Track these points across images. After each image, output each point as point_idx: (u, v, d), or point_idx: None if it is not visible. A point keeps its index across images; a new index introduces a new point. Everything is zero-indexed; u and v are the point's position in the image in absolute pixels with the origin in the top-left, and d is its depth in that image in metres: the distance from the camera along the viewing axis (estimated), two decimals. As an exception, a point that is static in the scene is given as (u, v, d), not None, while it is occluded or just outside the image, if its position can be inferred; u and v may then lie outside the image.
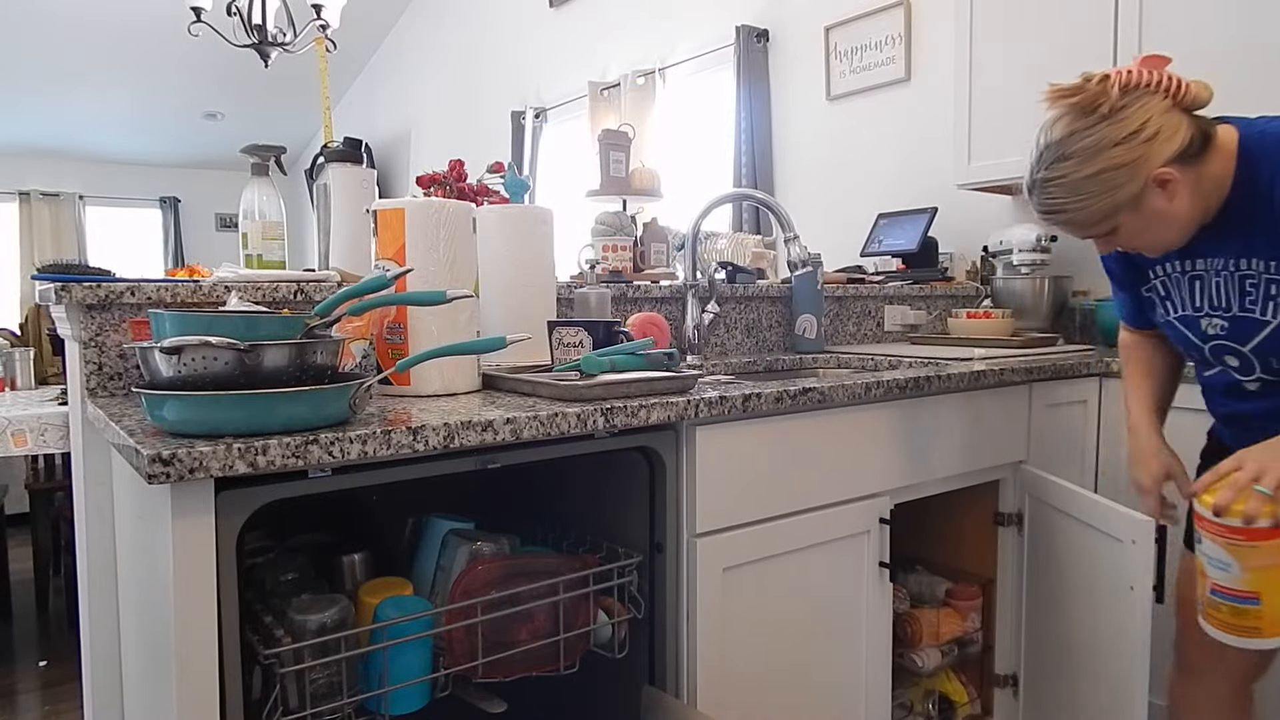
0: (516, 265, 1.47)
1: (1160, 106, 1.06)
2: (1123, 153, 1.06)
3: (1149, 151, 1.06)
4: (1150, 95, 1.07)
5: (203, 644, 0.89)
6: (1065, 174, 1.08)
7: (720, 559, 1.28)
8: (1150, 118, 1.06)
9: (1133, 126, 1.05)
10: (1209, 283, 1.18)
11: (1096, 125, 1.06)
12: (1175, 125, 1.07)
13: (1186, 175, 1.08)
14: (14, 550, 3.88)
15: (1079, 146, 1.07)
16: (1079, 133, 1.07)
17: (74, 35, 5.31)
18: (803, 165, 3.44)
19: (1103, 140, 1.06)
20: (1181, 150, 1.07)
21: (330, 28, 3.53)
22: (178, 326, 0.91)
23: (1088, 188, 1.08)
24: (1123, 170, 1.06)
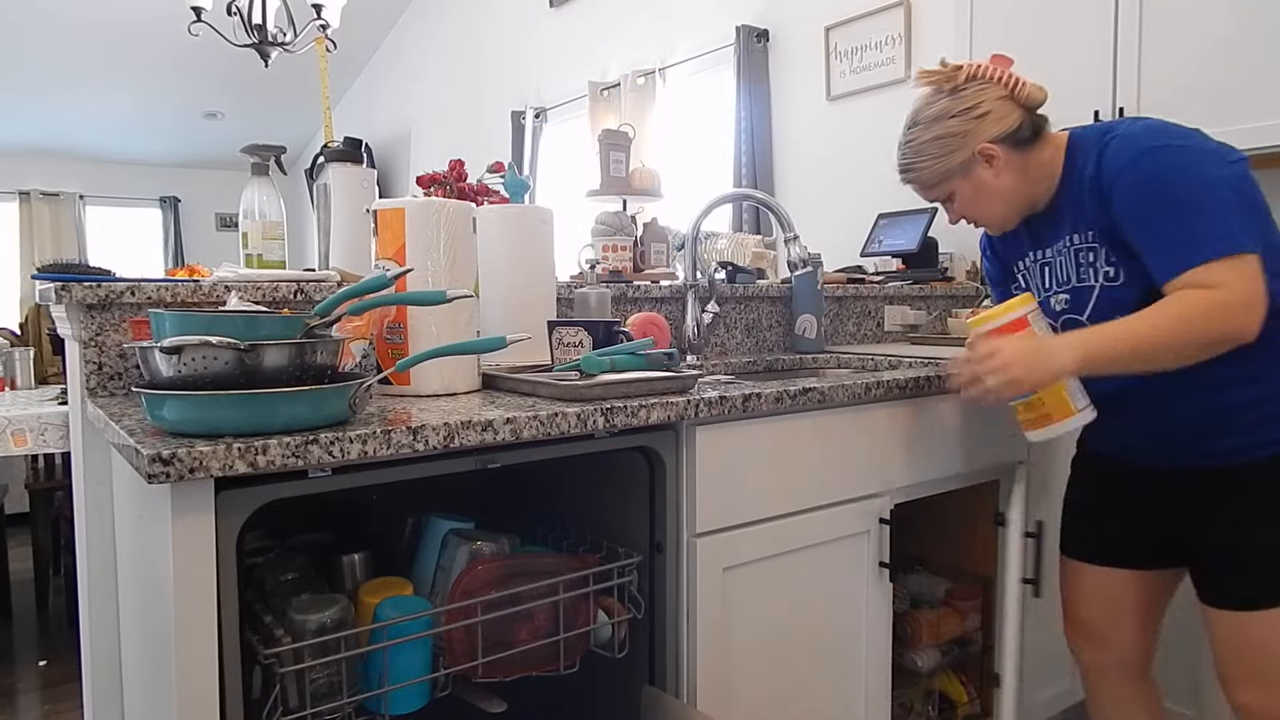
0: (516, 265, 1.47)
1: (996, 93, 1.26)
2: (957, 124, 1.26)
3: (978, 127, 1.26)
4: (991, 85, 1.26)
5: (203, 644, 0.89)
6: (914, 137, 1.30)
7: (720, 559, 1.28)
8: (984, 100, 1.26)
9: (968, 104, 1.26)
10: (1055, 264, 1.34)
11: (942, 99, 1.28)
12: (1006, 111, 1.26)
13: (1012, 157, 1.27)
14: (14, 550, 3.87)
15: (926, 114, 1.29)
16: (932, 104, 1.29)
17: (74, 35, 5.31)
18: (803, 165, 3.44)
19: (944, 111, 1.27)
20: (1008, 133, 1.26)
21: (330, 28, 3.53)
22: (178, 326, 0.91)
23: (928, 150, 1.29)
24: (955, 139, 1.27)
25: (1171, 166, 1.15)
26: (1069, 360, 1.18)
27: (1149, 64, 2.08)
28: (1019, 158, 1.28)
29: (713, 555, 1.27)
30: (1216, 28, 1.98)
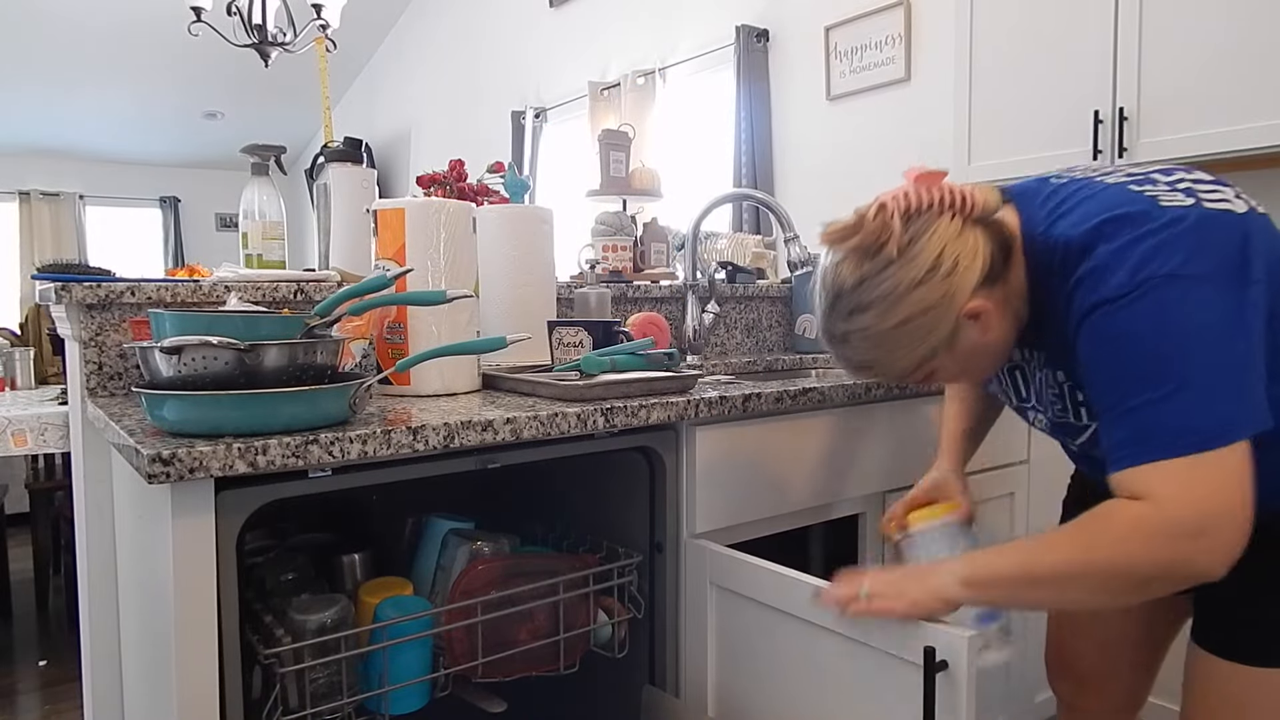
0: (516, 265, 1.47)
1: (952, 230, 0.89)
2: (926, 294, 0.89)
3: (953, 286, 0.89)
4: (937, 219, 0.90)
5: (203, 644, 0.89)
6: (868, 325, 0.91)
7: (720, 559, 1.28)
8: (945, 246, 0.89)
9: (928, 263, 0.88)
10: (1030, 376, 1.05)
11: (888, 268, 0.89)
12: (973, 247, 0.90)
13: (996, 296, 0.92)
14: (14, 550, 3.87)
15: (876, 295, 0.90)
16: (870, 279, 0.90)
17: (74, 35, 5.31)
18: (803, 165, 3.44)
19: (900, 285, 0.89)
20: (986, 273, 0.90)
21: (330, 28, 3.53)
22: (178, 326, 0.91)
23: (896, 338, 0.91)
24: (931, 313, 0.90)
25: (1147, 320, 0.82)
26: (953, 579, 0.91)
27: (1149, 64, 2.08)
28: (1001, 292, 0.93)
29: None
30: (1216, 28, 1.98)
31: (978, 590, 0.89)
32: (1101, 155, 2.16)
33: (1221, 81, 1.97)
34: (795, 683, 1.11)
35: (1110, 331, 0.84)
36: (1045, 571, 0.86)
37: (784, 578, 1.09)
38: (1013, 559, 0.89)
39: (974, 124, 2.44)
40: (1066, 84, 2.23)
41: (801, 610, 1.07)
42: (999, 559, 0.89)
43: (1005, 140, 2.37)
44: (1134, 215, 0.85)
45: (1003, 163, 2.37)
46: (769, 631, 1.14)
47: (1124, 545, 0.81)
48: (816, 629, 1.05)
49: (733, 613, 1.20)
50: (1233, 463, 0.80)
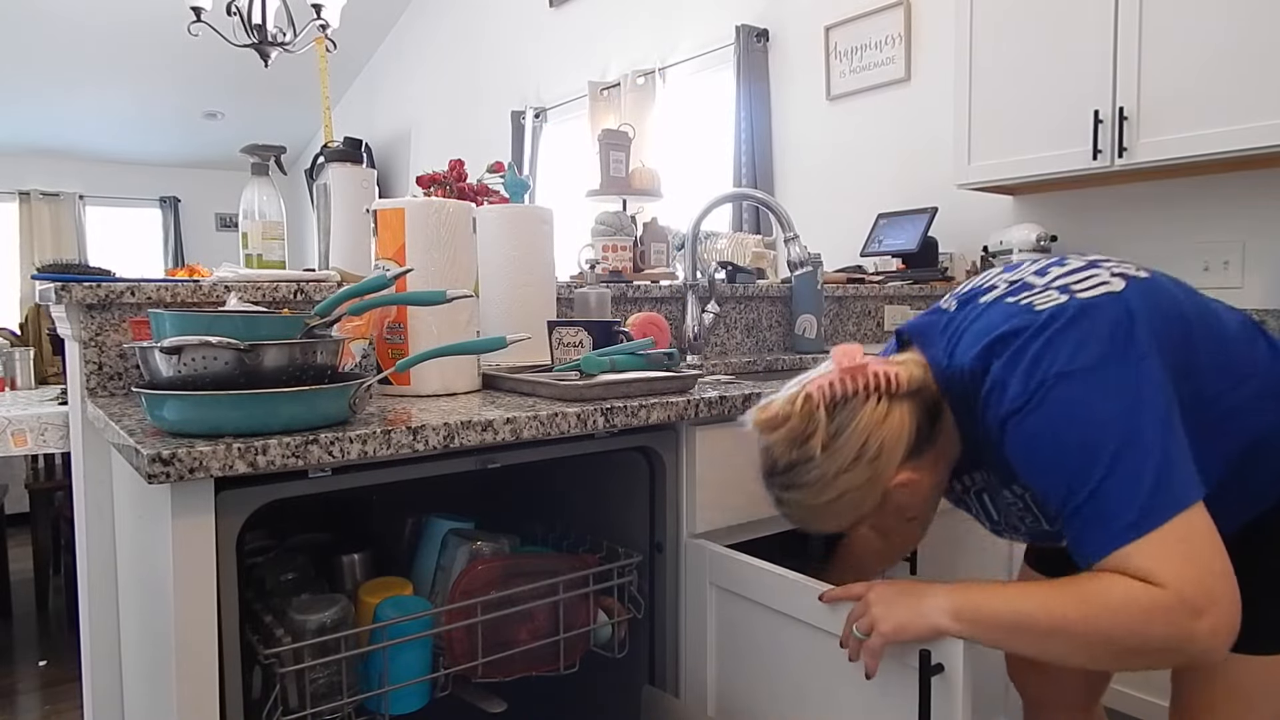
0: (516, 265, 1.47)
1: (876, 416, 0.94)
2: (852, 479, 0.94)
3: (878, 469, 0.94)
4: (862, 406, 0.94)
5: (203, 644, 0.89)
6: (800, 500, 0.98)
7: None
8: (869, 435, 0.94)
9: (853, 452, 0.94)
10: (995, 497, 1.07)
11: (815, 459, 0.94)
12: (898, 427, 0.94)
13: (923, 463, 0.97)
14: (14, 550, 3.87)
15: (806, 480, 0.96)
16: (800, 465, 0.95)
17: (74, 35, 5.31)
18: (803, 165, 3.44)
19: (827, 473, 0.94)
20: (911, 447, 0.96)
21: (330, 27, 3.53)
22: (178, 326, 0.91)
23: (825, 512, 0.98)
24: (857, 493, 0.95)
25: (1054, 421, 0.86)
26: (943, 608, 0.91)
27: (1149, 64, 2.08)
28: (930, 455, 0.98)
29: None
30: (1216, 28, 1.98)
31: (964, 625, 0.90)
32: (1101, 155, 2.16)
33: (1221, 81, 1.97)
34: (794, 683, 1.11)
35: (1026, 440, 0.88)
36: (1035, 624, 0.86)
37: (784, 579, 1.09)
38: (1005, 603, 0.89)
39: (974, 124, 2.44)
40: (1066, 84, 2.23)
41: (800, 611, 1.07)
42: (992, 599, 0.90)
43: (1005, 140, 2.37)
44: (1016, 328, 0.91)
45: (1002, 162, 2.38)
46: (768, 632, 1.14)
47: (1121, 616, 0.81)
48: (815, 630, 1.05)
49: (733, 613, 1.20)
50: (1202, 525, 0.82)
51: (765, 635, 1.14)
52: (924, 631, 0.91)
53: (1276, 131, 1.89)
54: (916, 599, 0.92)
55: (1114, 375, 0.85)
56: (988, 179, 2.44)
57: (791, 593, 1.08)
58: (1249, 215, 2.26)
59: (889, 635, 0.92)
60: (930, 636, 0.91)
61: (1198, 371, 0.91)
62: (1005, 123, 2.37)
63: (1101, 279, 0.94)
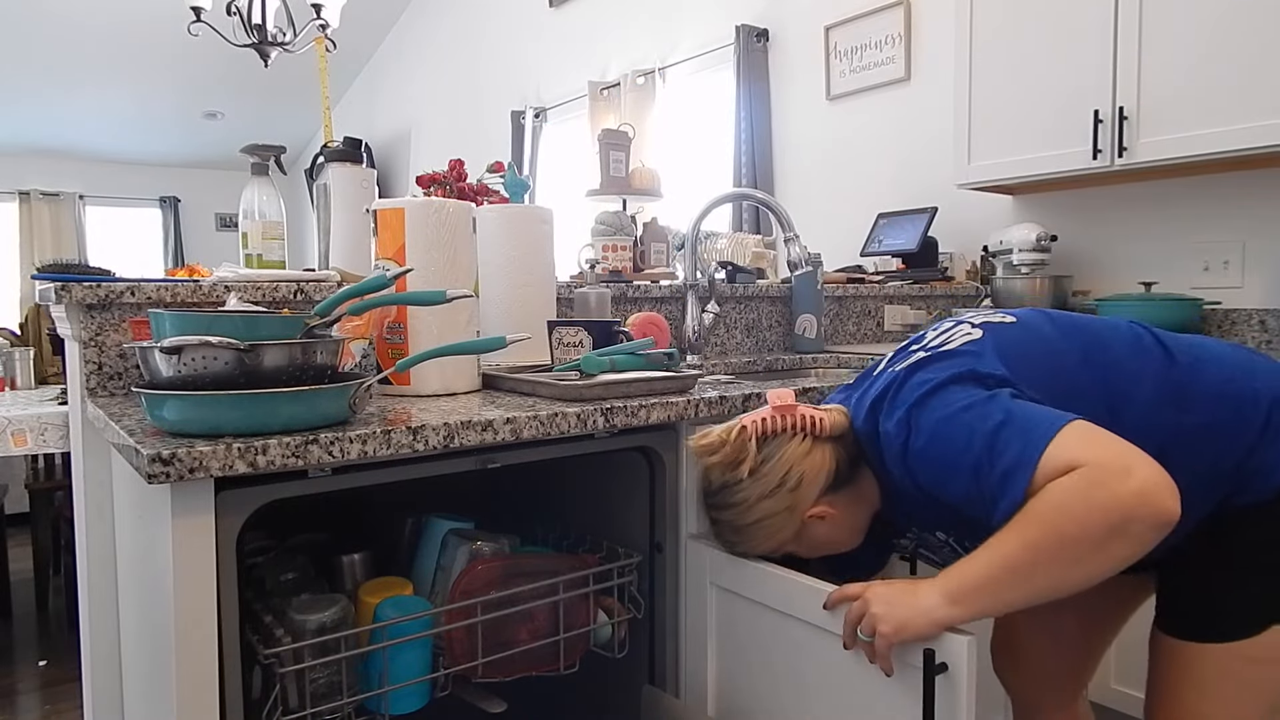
0: (516, 265, 1.47)
1: (800, 451, 1.07)
2: (773, 504, 1.07)
3: (796, 499, 1.07)
4: (789, 441, 1.07)
5: (203, 644, 0.89)
6: (729, 519, 1.11)
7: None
8: (791, 467, 1.06)
9: (776, 480, 1.06)
10: (932, 549, 1.17)
11: (743, 483, 1.07)
12: (819, 464, 1.07)
13: (840, 500, 1.09)
14: (14, 550, 3.88)
15: (733, 500, 1.09)
16: (730, 487, 1.09)
17: (74, 35, 5.31)
18: (803, 165, 3.44)
19: (751, 496, 1.08)
20: (829, 484, 1.07)
21: (330, 27, 3.53)
22: (178, 326, 0.91)
23: (751, 532, 1.10)
24: (777, 517, 1.08)
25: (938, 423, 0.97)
26: (938, 600, 0.93)
27: (1149, 64, 2.08)
28: (850, 492, 1.09)
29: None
30: (1216, 28, 1.98)
31: (961, 606, 0.92)
32: (1101, 155, 2.16)
33: (1221, 81, 1.97)
34: (796, 683, 1.11)
35: (924, 465, 0.98)
36: (1016, 562, 0.89)
37: (786, 579, 1.09)
38: (983, 562, 0.92)
39: (974, 124, 2.44)
40: (1066, 84, 2.23)
41: (802, 611, 1.07)
42: (971, 568, 0.92)
43: (1005, 140, 2.37)
44: (885, 386, 1.05)
45: (1002, 162, 2.38)
46: (769, 632, 1.14)
47: (1069, 507, 0.86)
48: (817, 630, 1.05)
49: (734, 613, 1.20)
50: (1091, 428, 0.90)
51: (766, 635, 1.14)
52: (926, 628, 0.92)
53: (1275, 131, 1.89)
54: (913, 596, 0.94)
55: (963, 384, 0.98)
56: (987, 179, 2.44)
57: (793, 593, 1.08)
58: (1248, 215, 2.26)
59: (890, 636, 0.94)
60: (933, 631, 0.92)
61: (1081, 392, 1.00)
62: (1005, 122, 2.37)
63: (964, 331, 1.07)
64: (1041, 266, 2.43)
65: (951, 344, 1.05)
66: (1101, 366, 1.03)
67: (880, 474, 1.09)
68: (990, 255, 2.56)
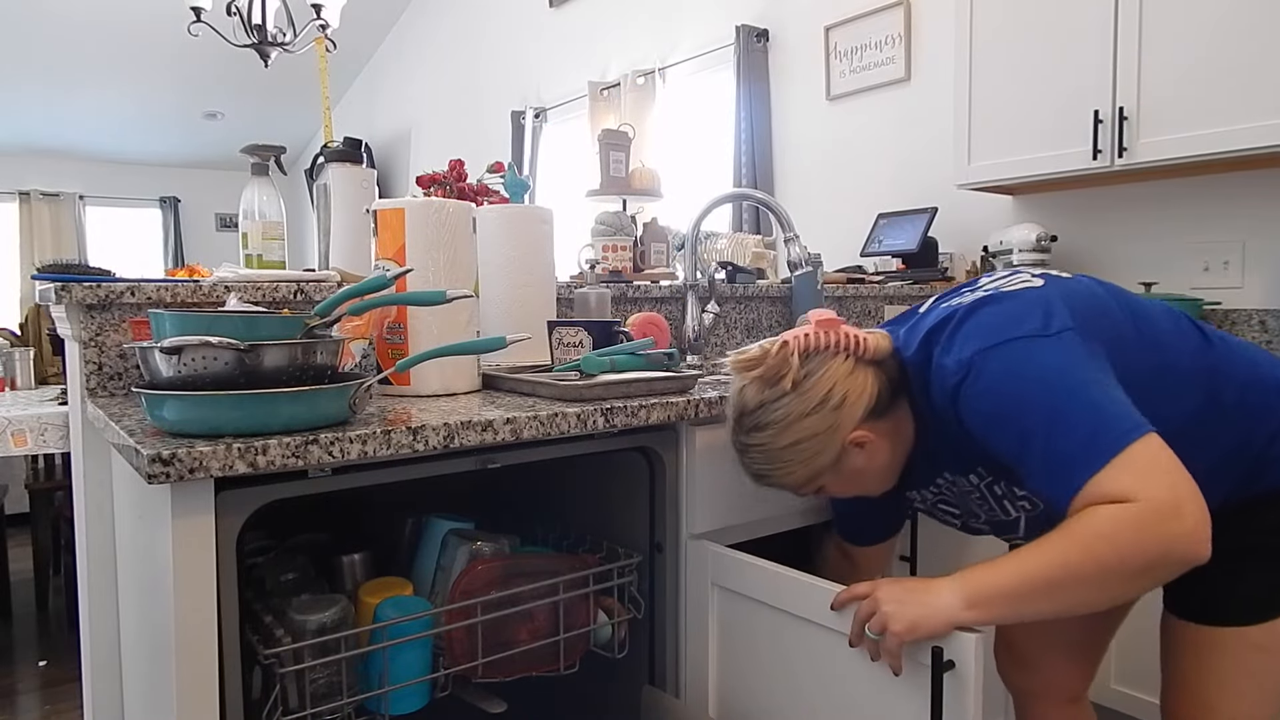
0: (516, 265, 1.47)
1: (844, 369, 1.03)
2: (814, 423, 1.02)
3: (839, 419, 1.02)
4: (832, 359, 1.03)
5: (203, 644, 0.89)
6: (764, 443, 1.05)
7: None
8: (835, 384, 1.02)
9: (818, 397, 1.02)
10: (958, 501, 1.14)
11: (784, 398, 1.03)
12: (862, 385, 1.03)
13: (881, 428, 1.05)
14: (14, 550, 3.88)
15: (771, 418, 1.03)
16: (769, 404, 1.03)
17: (74, 35, 5.31)
18: (803, 165, 3.44)
19: (791, 413, 1.02)
20: (871, 408, 1.03)
21: (330, 27, 3.53)
22: (178, 326, 0.91)
23: (786, 456, 1.04)
24: (817, 439, 1.03)
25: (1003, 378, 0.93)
26: (954, 602, 0.92)
27: (1149, 64, 2.08)
28: (887, 424, 1.06)
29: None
30: (1216, 28, 1.98)
31: (980, 611, 0.91)
32: (1101, 155, 2.16)
33: (1221, 81, 1.97)
34: (801, 682, 1.11)
35: (974, 408, 0.95)
36: (1046, 580, 0.88)
37: (791, 578, 1.09)
38: (1012, 573, 0.90)
39: (974, 124, 2.44)
40: (1066, 84, 2.23)
41: (809, 611, 1.07)
42: (996, 574, 0.91)
43: (1005, 140, 2.37)
44: (946, 318, 1.02)
45: (1002, 162, 2.38)
46: (772, 631, 1.14)
47: (1115, 538, 0.85)
48: (821, 628, 1.05)
49: (736, 613, 1.20)
50: (1157, 448, 0.87)
51: (770, 635, 1.14)
52: (939, 628, 0.92)
53: (1275, 131, 1.89)
54: (926, 595, 0.93)
55: (1037, 344, 0.94)
56: (987, 179, 2.44)
57: (798, 592, 1.08)
58: (1248, 215, 2.26)
59: (903, 635, 0.93)
60: (946, 631, 0.91)
61: (1132, 362, 0.98)
62: (1005, 123, 2.37)
63: (1023, 278, 1.04)
64: (1042, 267, 2.43)
65: (1014, 287, 1.01)
66: (1150, 338, 1.01)
67: (922, 409, 1.06)
68: (990, 255, 2.56)
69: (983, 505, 1.11)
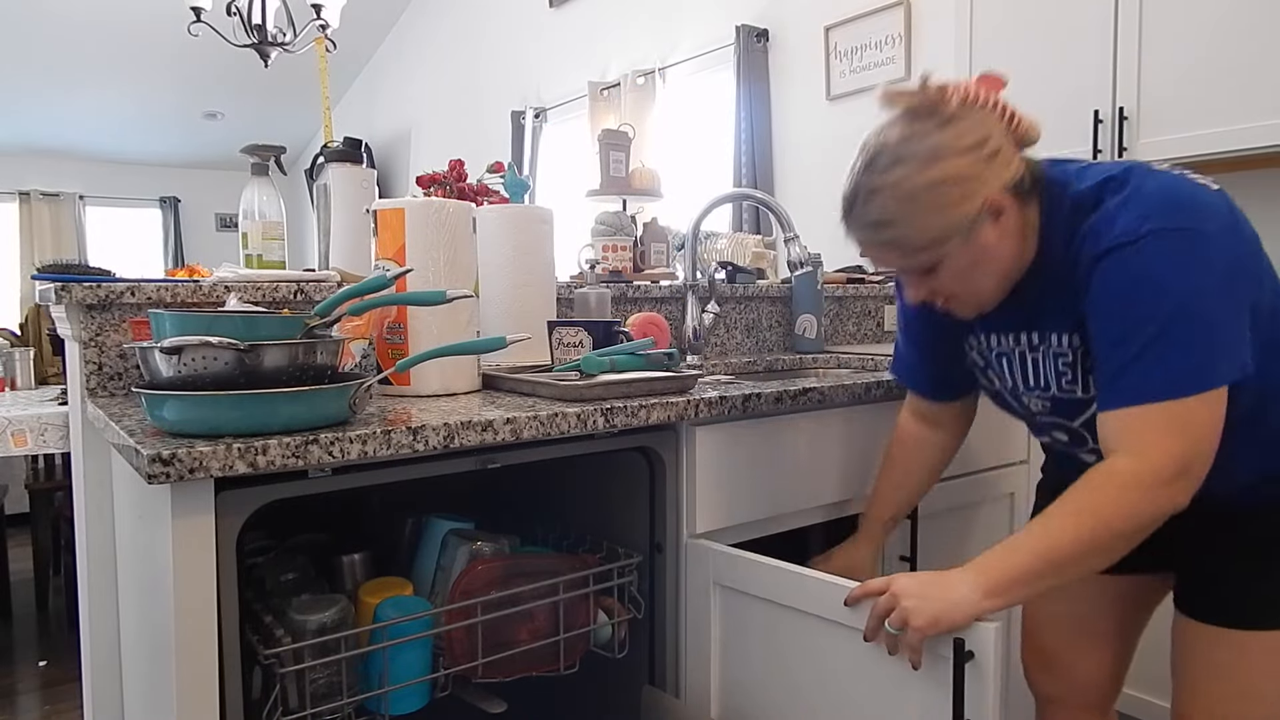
0: (516, 265, 1.47)
1: (999, 126, 0.96)
2: (963, 165, 0.92)
3: (987, 172, 0.93)
4: (990, 114, 0.96)
5: (203, 644, 0.89)
6: (900, 180, 0.93)
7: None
8: (991, 134, 0.94)
9: (974, 138, 0.93)
10: (1026, 360, 1.06)
11: (935, 131, 0.93)
12: (1010, 152, 0.95)
13: (1014, 213, 0.96)
14: (14, 550, 3.87)
15: (917, 149, 0.93)
16: (917, 136, 0.93)
17: (74, 35, 5.31)
18: (803, 165, 3.44)
19: (942, 148, 0.92)
20: (1015, 181, 0.95)
21: (330, 27, 3.53)
22: (178, 326, 0.91)
23: (923, 198, 0.93)
24: (961, 185, 0.92)
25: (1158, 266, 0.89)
26: (973, 592, 0.90)
27: (1149, 63, 2.08)
28: (1019, 216, 0.97)
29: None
30: (1216, 28, 1.98)
31: (1001, 598, 0.91)
32: (1101, 155, 2.16)
33: (1221, 81, 1.97)
34: (803, 681, 1.11)
35: (1113, 275, 0.91)
36: (1063, 556, 0.90)
37: (797, 574, 1.09)
38: (1028, 552, 0.91)
39: (974, 124, 2.44)
40: (1066, 84, 2.23)
41: (815, 607, 1.06)
42: (1014, 557, 0.91)
43: (1005, 140, 2.37)
44: (1134, 171, 0.95)
45: (1003, 163, 2.37)
46: (777, 629, 1.13)
47: (1126, 502, 0.88)
48: (831, 625, 1.05)
49: (738, 612, 1.20)
50: (1209, 408, 0.88)
51: (774, 633, 1.14)
52: (961, 620, 0.90)
53: (1275, 131, 1.89)
54: (945, 588, 0.92)
55: (1215, 249, 0.90)
56: (988, 179, 2.43)
57: (806, 588, 1.08)
58: (1249, 215, 2.25)
59: (925, 629, 0.91)
60: (968, 624, 0.91)
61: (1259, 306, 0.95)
62: (1005, 123, 2.37)
63: (1206, 183, 0.98)
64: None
65: (1203, 183, 0.96)
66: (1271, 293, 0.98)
67: (1049, 240, 0.98)
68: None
69: (1066, 374, 1.03)
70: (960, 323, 1.12)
